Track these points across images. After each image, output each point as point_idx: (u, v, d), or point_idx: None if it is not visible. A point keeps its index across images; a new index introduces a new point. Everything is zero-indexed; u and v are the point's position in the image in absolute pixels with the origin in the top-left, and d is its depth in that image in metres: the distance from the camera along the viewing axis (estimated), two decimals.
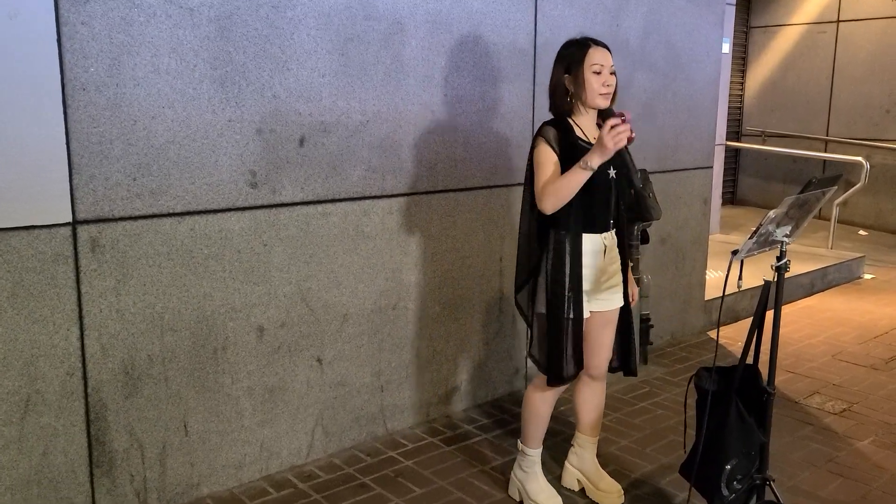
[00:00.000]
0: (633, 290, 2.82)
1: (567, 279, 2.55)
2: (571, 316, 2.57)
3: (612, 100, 2.57)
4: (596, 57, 2.52)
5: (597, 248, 2.62)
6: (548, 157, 2.51)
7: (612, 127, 2.33)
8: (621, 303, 2.75)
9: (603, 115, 2.62)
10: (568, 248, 2.55)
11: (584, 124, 2.60)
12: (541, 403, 2.77)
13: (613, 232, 2.68)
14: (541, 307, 2.62)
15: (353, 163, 3.09)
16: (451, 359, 3.60)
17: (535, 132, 2.63)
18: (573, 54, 2.55)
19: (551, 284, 2.56)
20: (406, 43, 3.18)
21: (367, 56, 3.07)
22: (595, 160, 2.39)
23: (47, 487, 2.51)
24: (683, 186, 4.70)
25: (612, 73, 2.56)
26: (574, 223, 2.55)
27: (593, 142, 2.51)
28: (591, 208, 2.56)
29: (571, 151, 2.50)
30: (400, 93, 3.19)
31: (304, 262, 3.00)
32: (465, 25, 3.38)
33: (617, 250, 2.71)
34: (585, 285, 2.60)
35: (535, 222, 2.62)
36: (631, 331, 2.80)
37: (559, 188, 2.45)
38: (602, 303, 2.68)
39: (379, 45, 3.10)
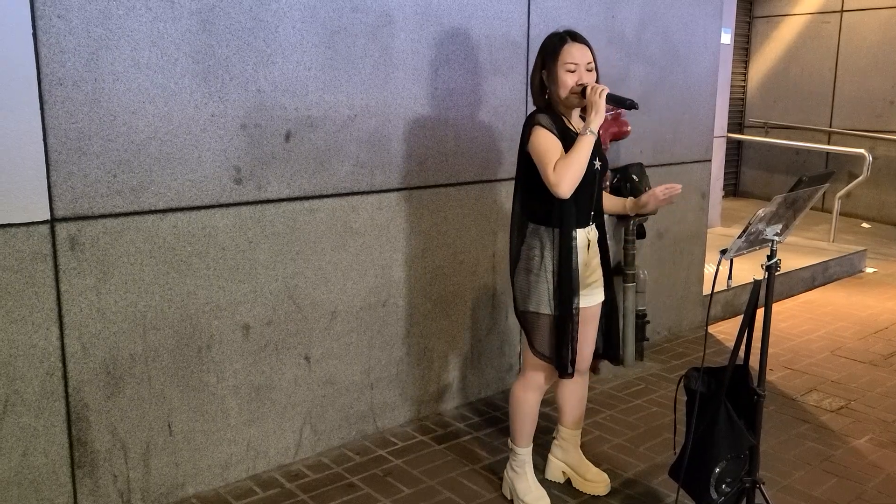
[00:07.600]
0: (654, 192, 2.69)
1: (571, 273, 2.52)
2: (577, 308, 2.56)
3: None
4: (571, 54, 2.47)
5: (583, 242, 2.60)
6: (551, 139, 2.45)
7: (591, 87, 2.42)
8: (602, 297, 2.75)
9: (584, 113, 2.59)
10: (567, 244, 2.51)
11: (569, 119, 2.57)
12: (528, 401, 2.75)
13: (594, 226, 2.66)
14: (542, 307, 2.56)
15: (341, 158, 3.04)
16: (443, 356, 3.55)
17: (524, 125, 2.58)
18: (549, 49, 2.52)
19: (558, 281, 2.53)
20: (395, 35, 3.13)
21: (355, 49, 3.01)
22: (595, 123, 2.41)
23: (28, 489, 2.48)
24: (681, 180, 4.62)
25: (592, 70, 2.51)
26: (567, 218, 2.51)
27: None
28: (578, 202, 2.52)
29: (565, 141, 2.47)
30: (389, 86, 3.14)
31: (290, 259, 2.96)
32: (456, 17, 3.31)
33: (597, 245, 2.68)
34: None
35: (524, 220, 2.59)
36: (617, 318, 2.83)
37: (572, 163, 2.39)
38: (586, 298, 2.65)
39: (367, 37, 3.04)
